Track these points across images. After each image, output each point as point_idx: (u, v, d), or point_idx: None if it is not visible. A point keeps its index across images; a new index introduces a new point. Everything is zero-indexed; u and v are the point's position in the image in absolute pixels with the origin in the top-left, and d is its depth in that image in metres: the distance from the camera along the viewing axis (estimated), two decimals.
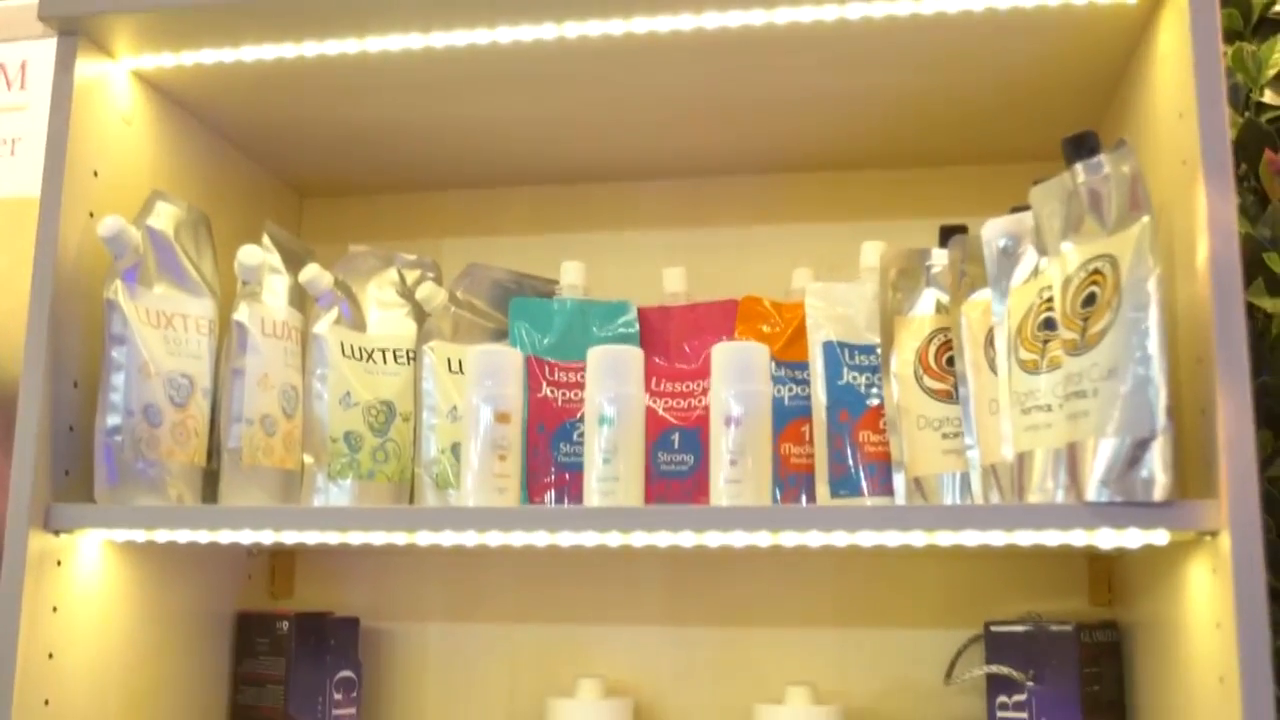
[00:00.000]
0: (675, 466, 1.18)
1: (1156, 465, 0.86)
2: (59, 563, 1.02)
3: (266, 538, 1.02)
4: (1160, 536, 0.92)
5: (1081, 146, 0.94)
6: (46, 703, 1.00)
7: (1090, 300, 0.92)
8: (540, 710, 1.27)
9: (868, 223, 1.30)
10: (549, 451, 1.18)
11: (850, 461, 1.14)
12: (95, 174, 1.08)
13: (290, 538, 1.02)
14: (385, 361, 1.21)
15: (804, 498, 1.15)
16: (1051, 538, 0.93)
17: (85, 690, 1.05)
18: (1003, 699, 1.15)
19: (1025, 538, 0.94)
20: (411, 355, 1.22)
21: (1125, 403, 0.88)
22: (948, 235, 1.14)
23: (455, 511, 1.00)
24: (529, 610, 1.33)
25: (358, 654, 1.27)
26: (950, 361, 1.11)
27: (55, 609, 1.02)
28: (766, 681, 1.26)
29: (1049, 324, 0.98)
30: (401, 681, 1.33)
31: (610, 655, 1.30)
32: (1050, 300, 0.98)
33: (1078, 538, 0.93)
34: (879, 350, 1.15)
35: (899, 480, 1.12)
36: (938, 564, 1.27)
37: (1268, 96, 1.26)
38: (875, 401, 1.15)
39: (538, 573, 1.33)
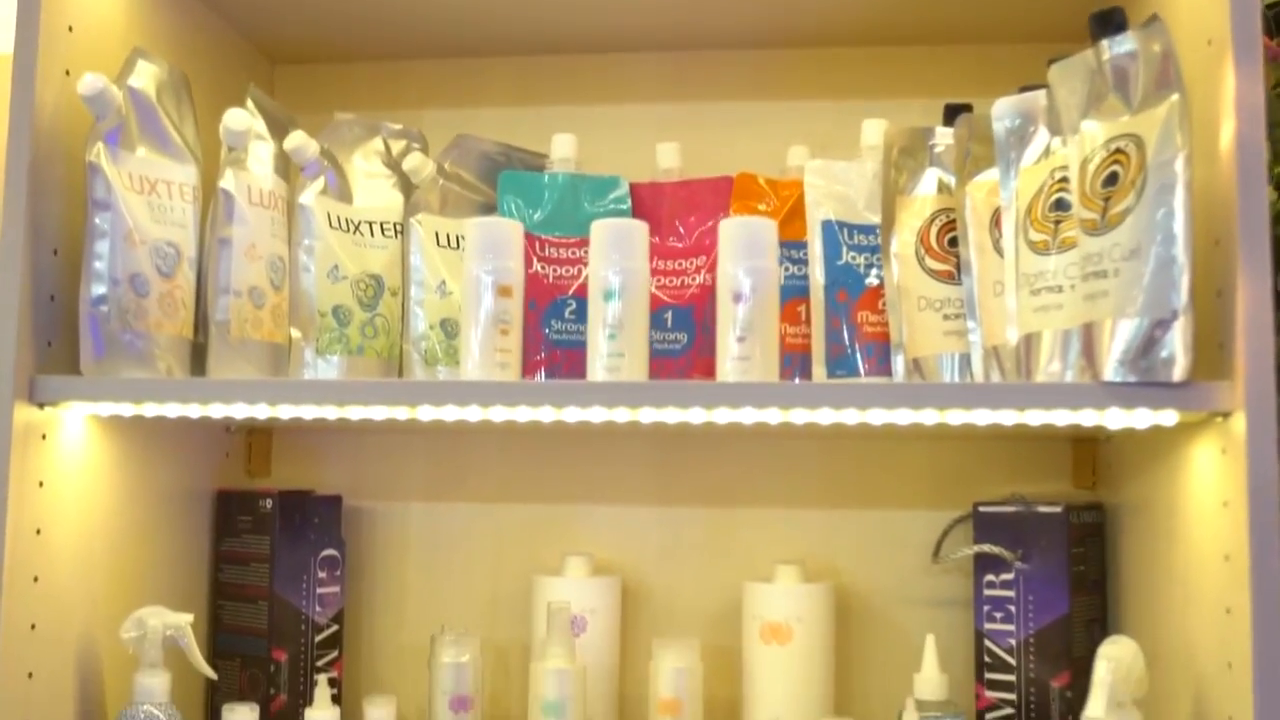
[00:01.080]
0: (668, 345, 1.17)
1: (1177, 346, 0.87)
2: (44, 436, 0.99)
3: (261, 412, 0.99)
4: (1169, 417, 0.92)
5: (1108, 23, 0.93)
6: (35, 579, 0.98)
7: (1112, 180, 0.91)
8: (526, 588, 1.26)
9: (866, 101, 1.28)
10: (540, 329, 1.16)
11: (847, 342, 1.14)
12: (70, 29, 1.02)
13: (286, 412, 1.00)
14: (372, 234, 1.17)
15: (798, 378, 1.14)
16: (1061, 417, 0.93)
17: (72, 567, 1.02)
18: (990, 578, 1.17)
19: (1035, 417, 0.94)
20: (399, 228, 1.19)
21: (1147, 283, 0.87)
22: (953, 114, 1.12)
23: (458, 386, 0.98)
24: (513, 490, 1.32)
25: (341, 532, 1.25)
26: (953, 242, 1.10)
27: (41, 484, 0.98)
28: (754, 561, 1.26)
29: (1061, 204, 0.97)
30: (384, 560, 1.32)
31: (596, 534, 1.30)
32: (1063, 181, 0.97)
33: (1088, 418, 0.93)
34: (879, 230, 1.14)
35: (898, 361, 1.11)
36: (924, 446, 1.28)
37: None
38: (874, 282, 1.14)
39: (521, 452, 1.32)
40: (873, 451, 1.28)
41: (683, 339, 1.18)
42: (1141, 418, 0.92)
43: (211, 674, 1.08)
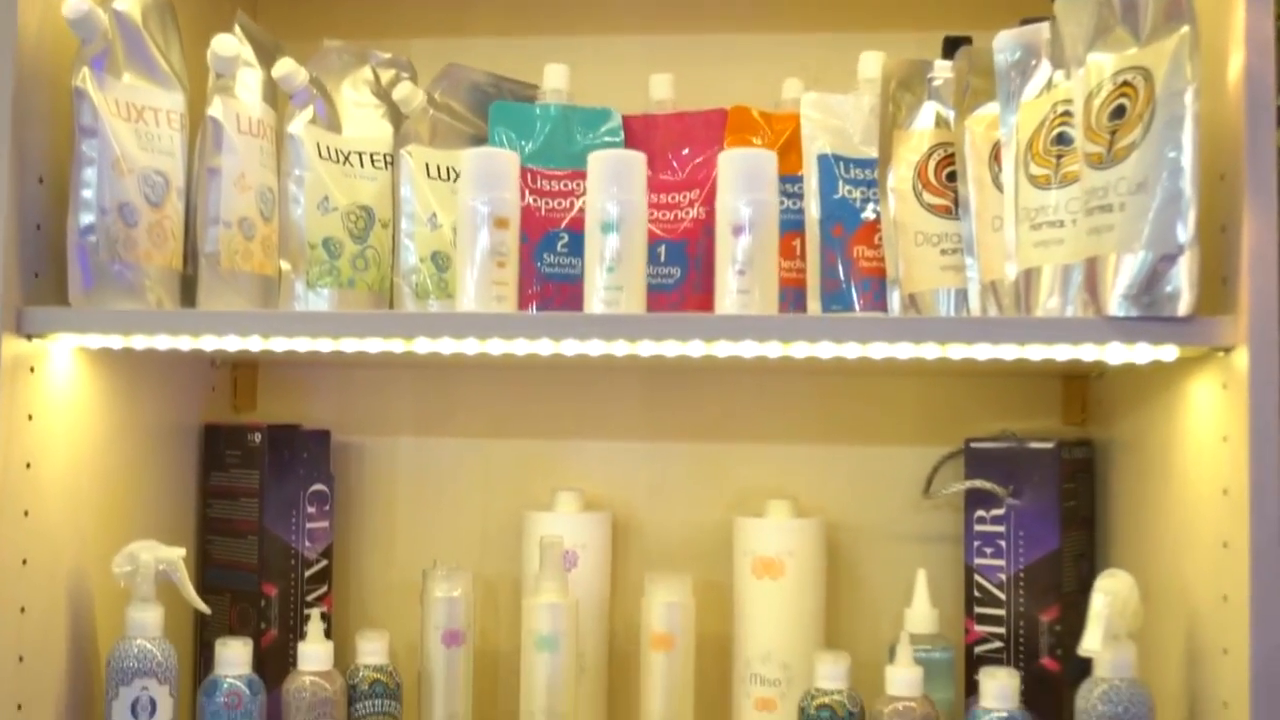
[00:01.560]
0: (661, 280, 1.16)
1: (1182, 280, 0.86)
2: (32, 369, 0.97)
3: (254, 344, 0.98)
4: (1169, 353, 0.92)
5: None
6: (26, 514, 0.96)
7: (1119, 113, 0.90)
8: (515, 523, 1.26)
9: (863, 34, 1.26)
10: (531, 262, 1.15)
11: (843, 277, 1.13)
12: None
13: (280, 345, 0.98)
14: (362, 165, 1.15)
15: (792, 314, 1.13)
16: (1062, 352, 0.93)
17: (61, 501, 1.01)
18: (981, 513, 1.18)
19: (1036, 352, 0.94)
20: (389, 159, 1.17)
21: (1153, 218, 0.87)
22: (952, 47, 1.11)
23: (455, 318, 0.96)
24: (502, 425, 1.31)
25: (329, 467, 1.24)
26: (951, 177, 1.09)
27: (30, 417, 0.97)
28: (744, 496, 1.26)
29: (1063, 139, 0.97)
30: (372, 495, 1.31)
31: (586, 470, 1.29)
32: (1066, 114, 0.96)
33: (1088, 353, 0.93)
34: (875, 164, 1.13)
35: (893, 296, 1.11)
36: (914, 382, 1.28)
37: None
38: (871, 216, 1.13)
39: (510, 387, 1.31)
40: (863, 387, 1.28)
41: (675, 274, 1.17)
42: (1142, 353, 0.92)
43: (205, 608, 1.07)
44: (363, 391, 1.32)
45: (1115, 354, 0.93)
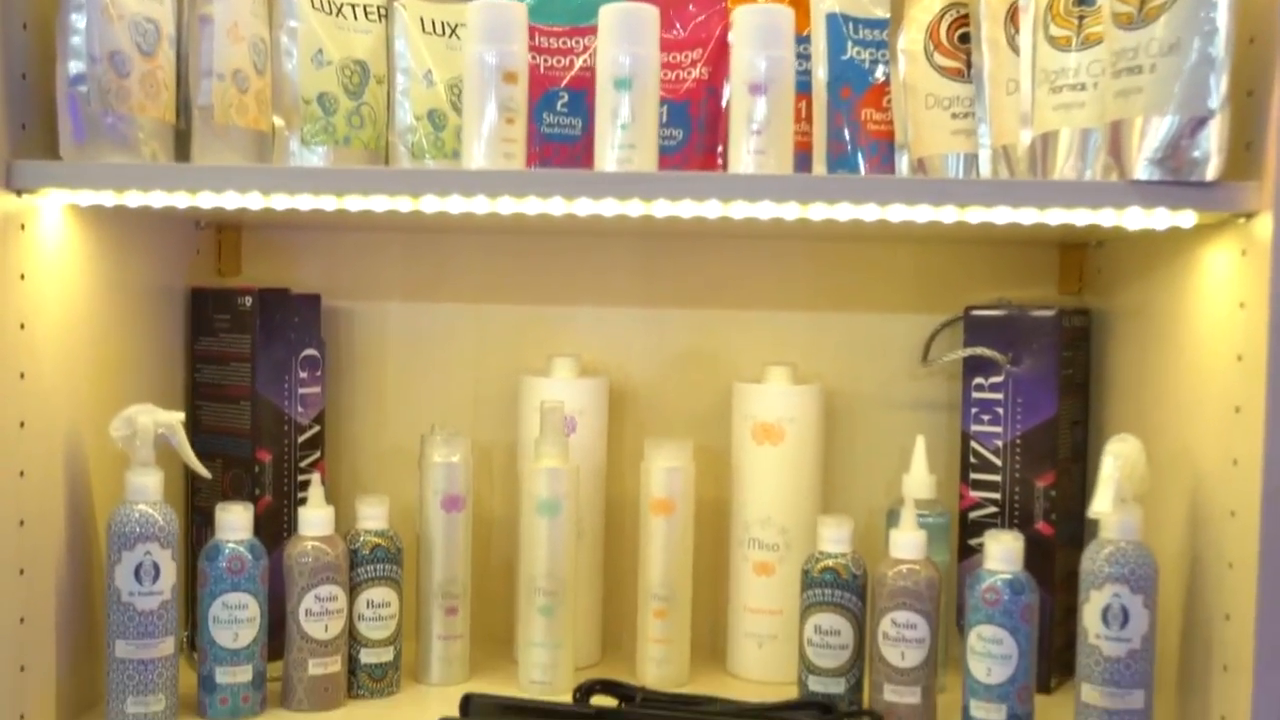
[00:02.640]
0: (665, 141, 1.13)
1: (1211, 145, 0.86)
2: (22, 227, 0.93)
3: (254, 201, 0.94)
4: (1188, 219, 0.92)
5: None
6: (22, 376, 0.93)
7: None
8: (509, 389, 1.25)
9: None
10: (531, 122, 1.11)
11: (849, 140, 1.11)
12: None
13: (281, 203, 0.95)
14: (356, 17, 1.11)
15: None
16: (1081, 217, 0.92)
17: (55, 363, 0.98)
18: (979, 381, 1.18)
19: (1055, 216, 0.93)
20: (382, 11, 1.12)
21: (1185, 80, 0.86)
22: None
23: (465, 175, 0.94)
24: (495, 290, 1.28)
25: (321, 331, 1.21)
26: (964, 38, 1.07)
27: (23, 276, 0.93)
28: (739, 363, 1.26)
29: None
30: (363, 361, 1.29)
31: (580, 336, 1.28)
32: None
33: (1107, 217, 0.92)
34: (886, 24, 1.10)
35: (902, 160, 1.10)
36: (910, 249, 1.27)
37: None
38: (880, 78, 1.11)
39: (503, 252, 1.28)
40: (859, 255, 1.27)
41: (678, 135, 1.14)
42: (1161, 218, 0.92)
43: (205, 473, 1.06)
44: (350, 255, 1.28)
45: (1134, 219, 0.92)
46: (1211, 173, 0.86)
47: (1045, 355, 1.15)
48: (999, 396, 1.17)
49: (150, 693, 0.99)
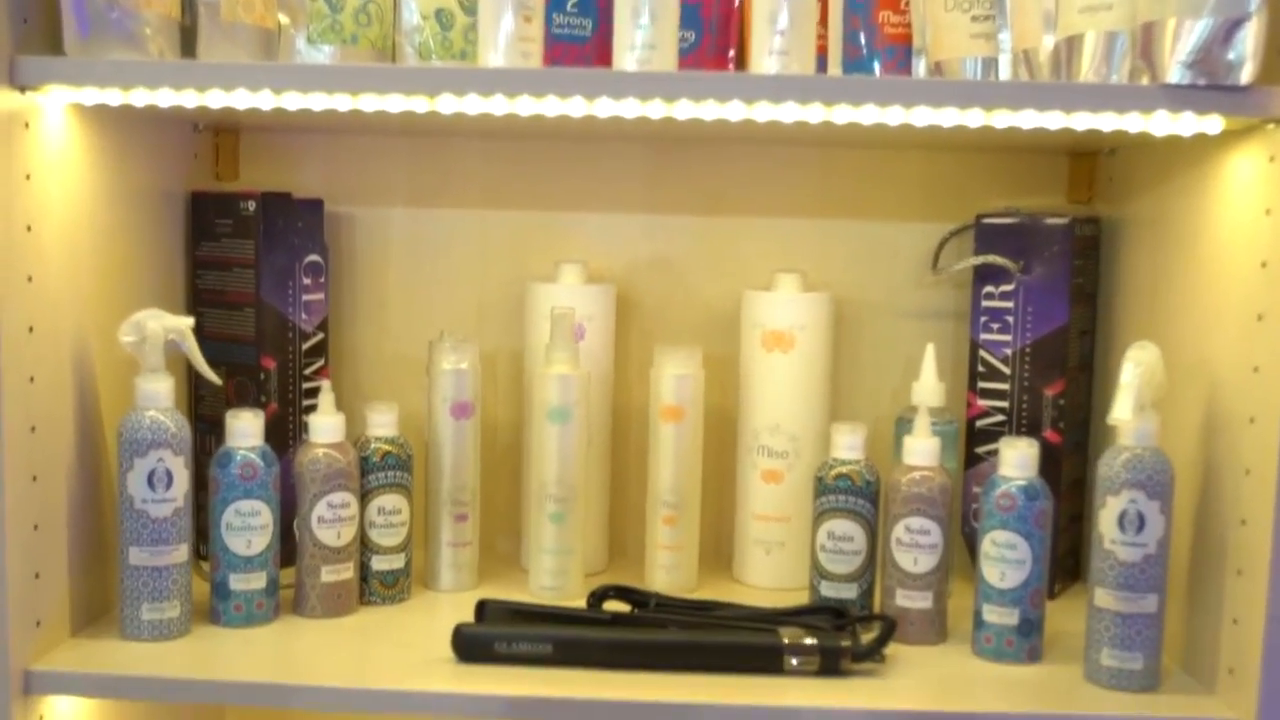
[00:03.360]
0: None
1: (1247, 48, 0.84)
2: (27, 125, 0.91)
3: (265, 101, 0.92)
4: (1215, 124, 0.91)
5: None
6: (30, 279, 0.91)
7: None
8: (514, 296, 1.23)
9: None
10: (541, 23, 1.09)
11: (865, 43, 1.09)
12: None
13: (293, 101, 0.92)
14: None
15: None
16: (1107, 121, 0.92)
17: (61, 265, 0.96)
18: (989, 289, 1.18)
19: (1081, 121, 0.91)
20: None
21: None
22: None
23: (485, 73, 0.91)
24: (499, 196, 1.26)
25: (324, 237, 1.19)
26: None
27: (28, 177, 0.91)
28: (746, 271, 1.24)
29: None
30: (366, 267, 1.27)
31: (587, 243, 1.26)
32: None
33: (1133, 122, 0.91)
34: None
35: (919, 64, 1.08)
36: (918, 156, 1.26)
37: None
38: None
39: (506, 157, 1.26)
40: (867, 162, 1.26)
41: (690, 37, 1.12)
42: (1187, 123, 0.91)
43: (216, 379, 1.04)
44: (351, 160, 1.26)
45: (1160, 125, 0.91)
46: (1246, 76, 0.85)
47: (1057, 263, 1.14)
48: (1009, 305, 1.16)
49: (165, 599, 0.99)
